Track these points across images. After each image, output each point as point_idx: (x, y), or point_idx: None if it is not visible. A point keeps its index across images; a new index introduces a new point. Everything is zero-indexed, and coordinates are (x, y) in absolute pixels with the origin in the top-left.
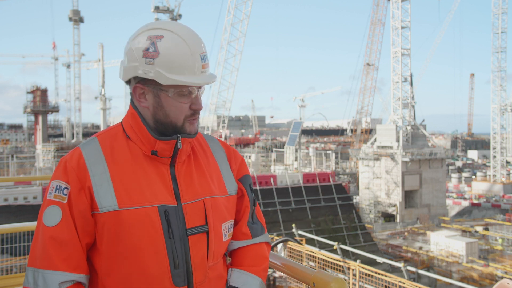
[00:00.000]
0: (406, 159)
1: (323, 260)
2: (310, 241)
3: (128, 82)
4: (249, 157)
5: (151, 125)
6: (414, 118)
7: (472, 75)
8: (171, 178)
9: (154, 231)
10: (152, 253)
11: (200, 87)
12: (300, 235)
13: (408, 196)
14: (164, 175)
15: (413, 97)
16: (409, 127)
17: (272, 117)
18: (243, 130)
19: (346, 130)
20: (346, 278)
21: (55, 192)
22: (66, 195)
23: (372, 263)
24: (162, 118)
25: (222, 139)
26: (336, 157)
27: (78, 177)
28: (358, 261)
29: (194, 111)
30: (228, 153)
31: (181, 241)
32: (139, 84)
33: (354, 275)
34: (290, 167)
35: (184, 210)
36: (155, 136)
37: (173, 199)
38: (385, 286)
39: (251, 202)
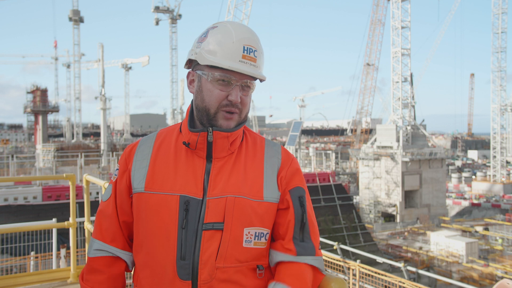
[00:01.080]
0: (406, 159)
1: (323, 260)
2: None
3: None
4: None
5: (195, 114)
6: (414, 118)
7: (472, 75)
8: (205, 172)
9: (169, 218)
10: (164, 240)
11: (239, 79)
12: None
13: (408, 196)
14: (198, 168)
15: (413, 97)
16: (409, 127)
17: (271, 116)
18: None
19: (346, 130)
20: (346, 278)
21: (114, 173)
22: (117, 175)
23: (372, 263)
24: (199, 103)
25: None
26: (336, 157)
27: (125, 161)
28: (358, 261)
29: (230, 103)
30: (283, 161)
31: (194, 234)
32: (191, 71)
33: (354, 275)
34: None
35: (207, 205)
36: (189, 127)
37: (199, 192)
38: (385, 286)
39: (298, 216)
